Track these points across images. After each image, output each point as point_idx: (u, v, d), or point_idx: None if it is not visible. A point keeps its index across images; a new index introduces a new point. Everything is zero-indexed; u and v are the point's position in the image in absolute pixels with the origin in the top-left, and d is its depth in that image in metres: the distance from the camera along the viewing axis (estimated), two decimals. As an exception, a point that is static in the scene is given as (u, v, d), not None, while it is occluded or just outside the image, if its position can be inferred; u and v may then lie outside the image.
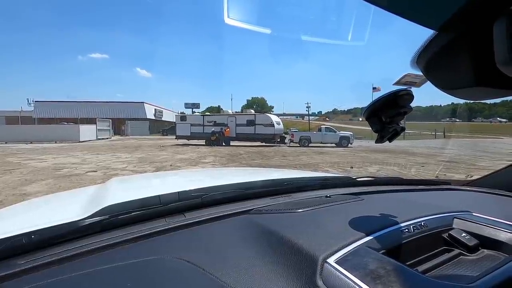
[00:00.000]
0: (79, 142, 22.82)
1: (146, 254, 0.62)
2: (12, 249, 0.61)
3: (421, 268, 0.63)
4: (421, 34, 0.41)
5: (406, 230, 0.69)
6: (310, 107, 49.43)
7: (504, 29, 0.32)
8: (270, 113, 28.42)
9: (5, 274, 0.54)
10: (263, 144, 20.65)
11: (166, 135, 37.27)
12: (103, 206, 0.77)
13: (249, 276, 0.54)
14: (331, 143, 19.93)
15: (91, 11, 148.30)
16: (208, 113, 30.12)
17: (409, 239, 0.67)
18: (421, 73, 0.46)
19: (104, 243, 0.65)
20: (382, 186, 1.27)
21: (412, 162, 10.11)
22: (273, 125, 20.59)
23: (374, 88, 32.43)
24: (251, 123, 21.03)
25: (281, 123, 22.36)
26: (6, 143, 20.84)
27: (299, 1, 0.89)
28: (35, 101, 44.03)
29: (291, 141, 20.66)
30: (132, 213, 0.77)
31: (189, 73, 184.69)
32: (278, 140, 21.31)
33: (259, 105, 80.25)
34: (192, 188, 0.97)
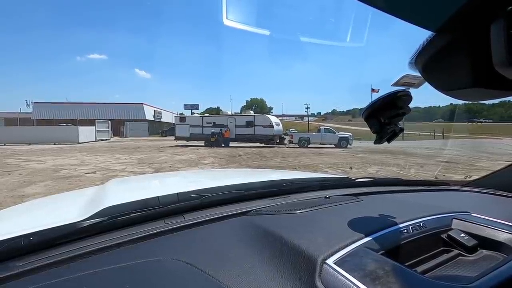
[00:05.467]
0: (78, 143, 22.77)
1: (145, 255, 0.62)
2: (11, 251, 0.60)
3: (420, 268, 0.63)
4: (419, 36, 0.41)
5: (405, 230, 0.69)
6: (309, 108, 49.45)
7: (501, 31, 0.32)
8: (269, 114, 28.44)
9: (4, 275, 0.53)
10: (262, 145, 20.65)
11: (165, 136, 37.25)
12: (102, 208, 0.77)
13: (248, 277, 0.54)
14: (330, 144, 19.96)
15: (89, 11, 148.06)
16: (207, 114, 30.08)
17: (408, 239, 0.67)
18: (419, 74, 0.47)
19: (103, 245, 0.65)
20: (381, 187, 1.27)
21: (411, 163, 10.12)
22: (272, 126, 20.61)
23: (373, 90, 32.52)
24: (250, 124, 21.04)
25: (280, 124, 22.38)
26: (4, 144, 20.78)
27: (298, 3, 0.90)
28: (34, 103, 44.00)
29: (290, 142, 20.67)
30: (131, 215, 0.77)
31: (188, 74, 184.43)
32: (277, 141, 21.32)
33: (258, 106, 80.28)
34: (191, 189, 0.97)
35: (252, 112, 31.12)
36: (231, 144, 20.53)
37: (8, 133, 23.34)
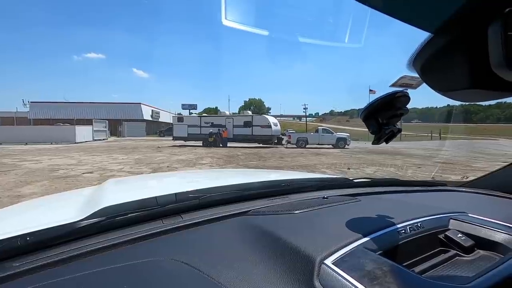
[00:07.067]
0: (75, 143, 22.64)
1: (142, 255, 0.62)
2: (7, 251, 0.60)
3: (418, 269, 0.63)
4: (418, 37, 0.42)
5: (403, 231, 0.70)
6: (307, 108, 49.53)
7: (498, 32, 0.32)
8: (267, 115, 28.46)
9: (0, 276, 0.53)
10: (261, 145, 20.65)
11: (163, 136, 37.17)
12: (100, 208, 0.76)
13: (246, 277, 0.54)
14: (328, 144, 20.00)
15: (86, 10, 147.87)
16: (205, 114, 30.06)
17: (406, 240, 0.67)
18: (417, 75, 0.47)
19: (101, 245, 0.65)
20: (379, 188, 1.28)
21: (409, 164, 10.16)
22: (270, 126, 20.62)
23: (370, 91, 32.60)
24: (248, 124, 21.04)
25: (278, 124, 22.39)
26: (1, 144, 20.63)
27: (296, 3, 0.90)
28: (31, 102, 43.69)
29: (288, 142, 20.68)
30: (129, 215, 0.77)
31: (187, 74, 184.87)
32: (276, 141, 21.34)
33: (257, 107, 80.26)
34: (189, 189, 0.96)
35: (250, 112, 31.13)
36: (229, 144, 20.50)
37: (4, 133, 23.14)
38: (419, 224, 0.74)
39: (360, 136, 26.42)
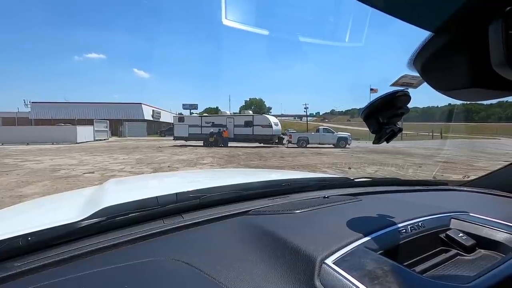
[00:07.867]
0: (76, 143, 22.69)
1: (143, 255, 0.62)
2: (9, 251, 0.60)
3: (419, 268, 0.63)
4: (418, 36, 0.41)
5: (404, 230, 0.70)
6: (308, 108, 49.56)
7: (499, 31, 0.32)
8: (268, 114, 28.46)
9: (2, 276, 0.53)
10: (261, 145, 20.66)
11: (164, 136, 37.26)
12: (101, 208, 0.76)
13: (247, 277, 0.54)
14: (329, 144, 20.00)
15: (87, 10, 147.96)
16: (206, 114, 30.07)
17: (407, 239, 0.67)
18: (418, 75, 0.47)
19: (102, 245, 0.65)
20: (380, 187, 1.28)
21: (410, 163, 10.15)
22: (271, 126, 20.62)
23: (371, 90, 32.57)
24: (249, 124, 21.05)
25: (279, 124, 22.40)
26: (2, 144, 20.69)
27: (297, 2, 0.90)
28: (32, 102, 43.81)
29: (289, 142, 20.68)
30: (130, 215, 0.77)
31: (187, 74, 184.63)
32: (276, 141, 21.35)
33: (257, 106, 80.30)
34: (190, 189, 0.97)
35: (251, 112, 31.10)
36: (230, 144, 20.51)
37: (6, 133, 23.18)
38: (420, 223, 0.74)
39: (361, 135, 26.40)
